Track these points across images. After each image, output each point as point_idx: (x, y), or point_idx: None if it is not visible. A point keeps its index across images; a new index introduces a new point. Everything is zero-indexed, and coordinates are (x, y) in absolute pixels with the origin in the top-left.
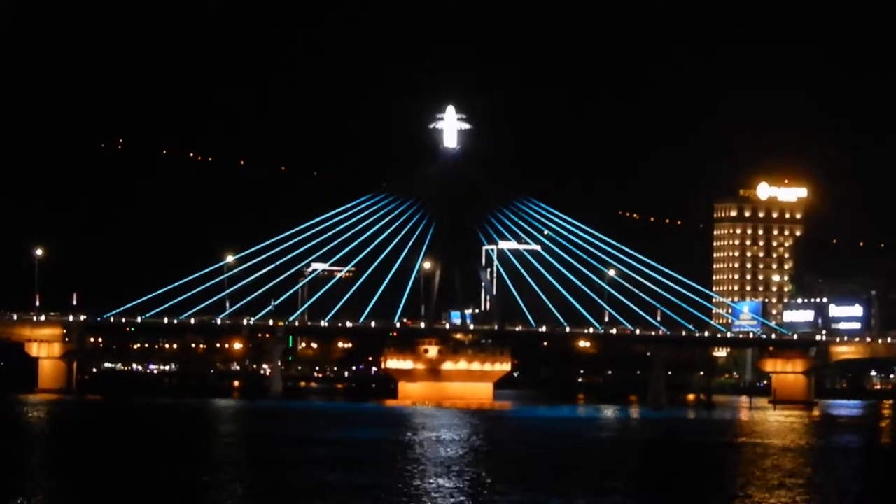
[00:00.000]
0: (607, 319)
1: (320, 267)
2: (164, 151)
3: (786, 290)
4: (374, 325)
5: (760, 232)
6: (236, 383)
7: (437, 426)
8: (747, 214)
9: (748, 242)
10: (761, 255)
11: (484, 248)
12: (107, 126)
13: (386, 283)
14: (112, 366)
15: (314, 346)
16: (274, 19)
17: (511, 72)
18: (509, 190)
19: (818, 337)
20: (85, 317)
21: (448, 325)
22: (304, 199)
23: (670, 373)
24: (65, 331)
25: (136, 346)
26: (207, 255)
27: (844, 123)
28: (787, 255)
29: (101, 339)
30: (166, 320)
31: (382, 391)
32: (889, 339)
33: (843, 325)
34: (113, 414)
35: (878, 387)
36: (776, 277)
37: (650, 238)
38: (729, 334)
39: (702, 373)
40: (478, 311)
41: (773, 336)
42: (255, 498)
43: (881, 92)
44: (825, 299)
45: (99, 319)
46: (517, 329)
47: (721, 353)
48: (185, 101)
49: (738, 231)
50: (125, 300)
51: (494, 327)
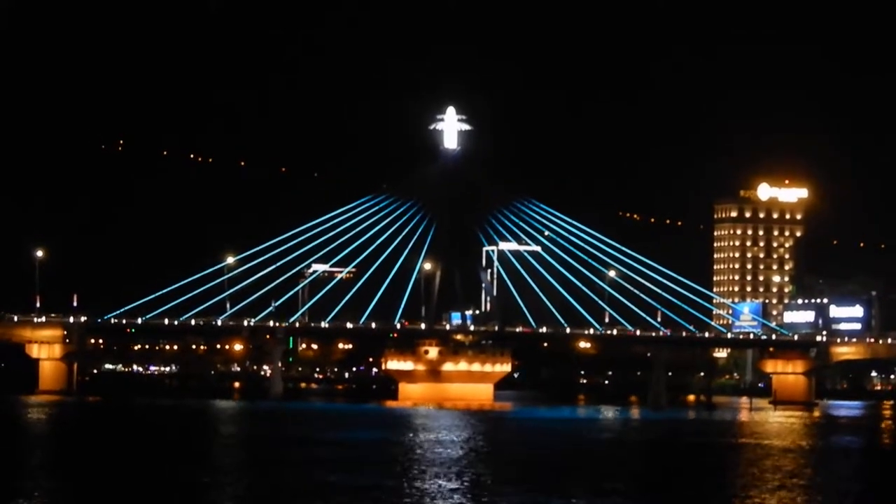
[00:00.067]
0: (608, 320)
1: (321, 268)
2: (165, 152)
3: (786, 290)
4: (374, 326)
5: (761, 232)
6: (237, 384)
7: (438, 427)
8: (748, 215)
9: (748, 243)
10: (762, 255)
11: (484, 248)
12: (107, 126)
13: (386, 284)
14: (112, 367)
15: (314, 347)
16: (274, 19)
17: (511, 72)
18: (509, 191)
19: (818, 338)
20: (85, 318)
21: (448, 326)
22: (304, 200)
23: (671, 374)
24: (65, 332)
25: (136, 348)
26: (208, 256)
27: (844, 123)
28: (787, 256)
29: (101, 341)
30: (167, 321)
31: (383, 392)
32: (889, 340)
33: (843, 326)
34: (113, 415)
35: (879, 387)
36: (776, 278)
37: (650, 239)
38: (729, 335)
39: (702, 374)
40: (478, 312)
41: (774, 337)
42: (255, 499)
43: (881, 92)
44: (825, 300)
45: (99, 321)
46: (517, 330)
47: (721, 353)
48: (185, 101)
49: (739, 232)
50: (125, 301)
51: (495, 328)
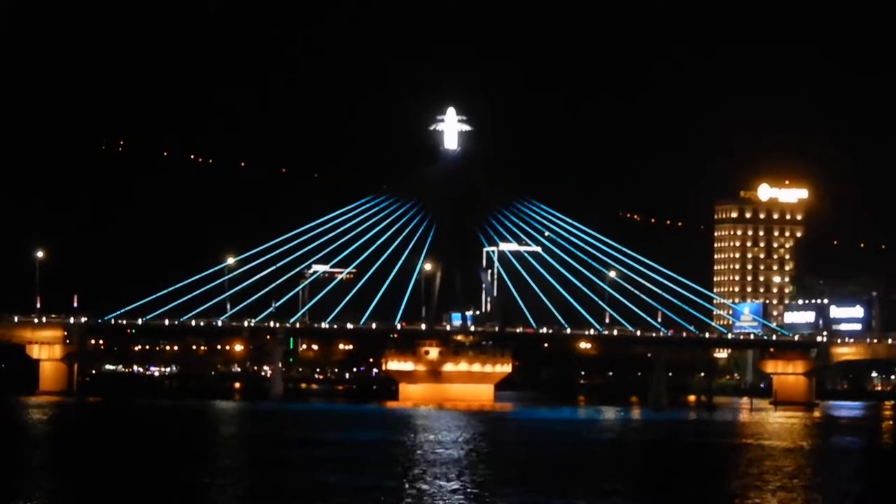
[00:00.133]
0: (608, 321)
1: (321, 269)
2: (165, 152)
3: (786, 291)
4: (374, 326)
5: (761, 233)
6: (237, 385)
7: (438, 428)
8: (748, 216)
9: (749, 244)
10: (762, 256)
11: (484, 249)
12: (107, 127)
13: (387, 284)
14: (113, 368)
15: (315, 347)
16: (274, 19)
17: (511, 72)
18: (510, 191)
19: (819, 338)
20: (86, 319)
21: (449, 327)
22: (304, 201)
23: (671, 374)
24: (65, 333)
25: (136, 348)
26: (208, 256)
27: (844, 123)
28: (787, 257)
29: (101, 341)
30: (167, 322)
31: (383, 393)
32: (890, 341)
33: (843, 327)
34: (114, 416)
35: (879, 388)
36: (777, 279)
37: (651, 239)
38: (730, 335)
39: (702, 374)
40: (478, 312)
41: (774, 337)
42: (256, 500)
43: (881, 92)
44: (826, 300)
45: (100, 321)
46: (518, 330)
47: (722, 354)
48: (185, 101)
49: (739, 232)
50: (126, 302)
51: (495, 329)
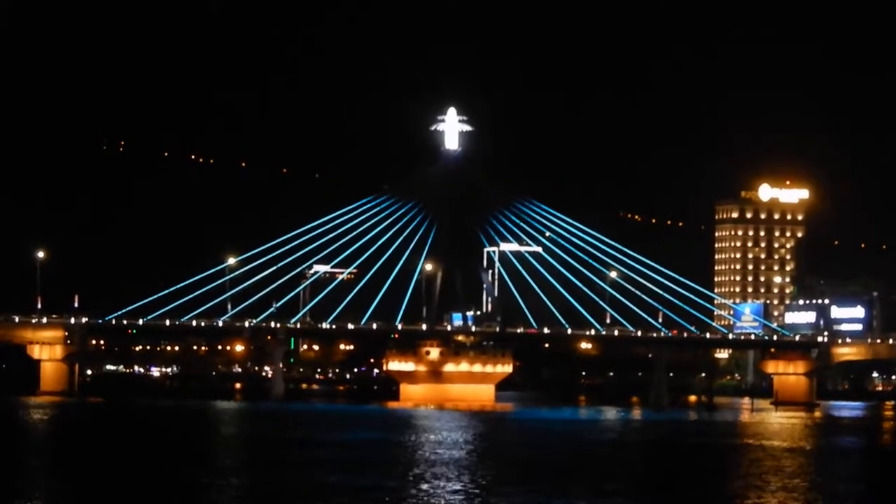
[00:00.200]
0: (609, 321)
1: (322, 269)
2: (165, 152)
3: (787, 291)
4: (375, 327)
5: (762, 233)
6: (238, 385)
7: (439, 428)
8: (748, 216)
9: (749, 244)
10: (763, 256)
11: (485, 249)
12: (108, 127)
13: (388, 285)
14: (113, 368)
15: (316, 348)
16: (274, 19)
17: (511, 72)
18: (510, 191)
19: (820, 338)
20: (86, 319)
21: (449, 327)
22: (305, 201)
23: (672, 374)
24: (66, 333)
25: (137, 349)
26: (209, 256)
27: (844, 123)
28: (788, 257)
29: (102, 342)
30: (168, 322)
31: (384, 393)
32: (891, 341)
33: (844, 327)
34: (114, 416)
35: (880, 388)
36: (777, 279)
37: (651, 239)
38: (730, 336)
39: (703, 374)
40: (479, 312)
41: (775, 337)
42: (256, 500)
43: (881, 92)
44: (827, 301)
45: (100, 322)
46: (518, 331)
47: (722, 354)
48: (185, 101)
49: (740, 232)
50: (127, 302)
51: (496, 329)
